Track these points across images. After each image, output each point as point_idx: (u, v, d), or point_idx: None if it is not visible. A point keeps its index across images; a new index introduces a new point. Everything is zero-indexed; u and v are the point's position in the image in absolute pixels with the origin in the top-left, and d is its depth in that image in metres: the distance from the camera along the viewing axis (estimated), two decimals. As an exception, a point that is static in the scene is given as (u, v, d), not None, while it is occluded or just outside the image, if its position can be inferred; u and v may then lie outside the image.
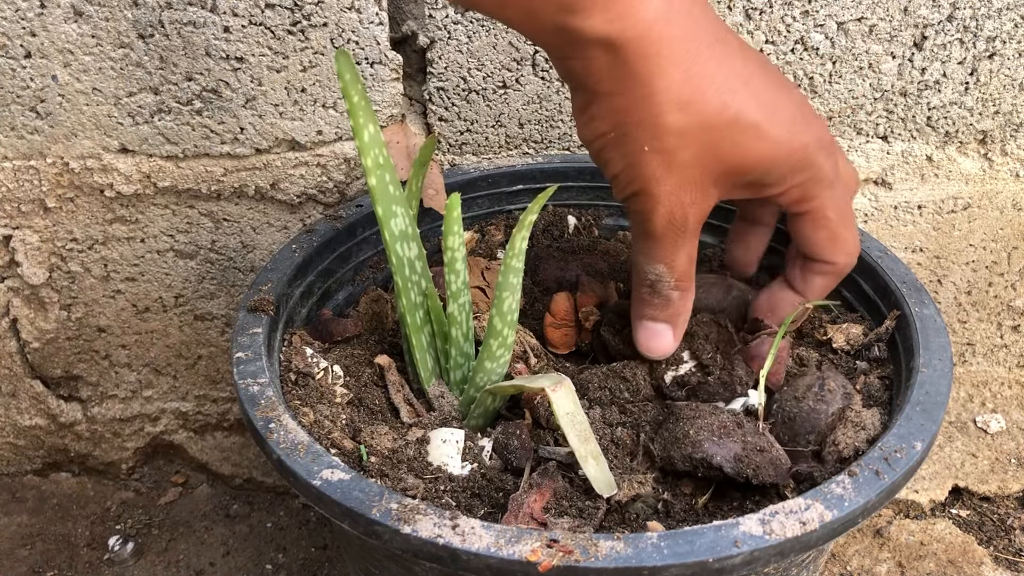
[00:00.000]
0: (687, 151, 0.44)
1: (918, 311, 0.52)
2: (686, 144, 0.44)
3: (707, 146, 0.44)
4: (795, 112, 0.46)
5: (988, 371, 0.88)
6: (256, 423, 0.45)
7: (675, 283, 0.49)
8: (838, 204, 0.49)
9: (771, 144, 0.45)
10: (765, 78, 0.45)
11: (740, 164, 0.45)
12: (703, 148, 0.44)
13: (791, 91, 0.47)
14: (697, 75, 0.43)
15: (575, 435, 0.45)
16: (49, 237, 0.75)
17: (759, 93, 0.44)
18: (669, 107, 0.43)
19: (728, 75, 0.44)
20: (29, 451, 0.90)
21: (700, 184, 0.45)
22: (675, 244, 0.47)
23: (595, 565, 0.37)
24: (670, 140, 0.43)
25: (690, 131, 0.43)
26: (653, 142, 0.44)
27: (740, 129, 0.44)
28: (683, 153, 0.44)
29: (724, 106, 0.43)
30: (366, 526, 0.40)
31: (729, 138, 0.44)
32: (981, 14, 0.67)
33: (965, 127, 0.73)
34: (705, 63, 0.43)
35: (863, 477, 0.41)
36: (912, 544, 0.83)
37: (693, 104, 0.43)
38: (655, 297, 0.50)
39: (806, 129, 0.46)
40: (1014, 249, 0.80)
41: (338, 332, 0.57)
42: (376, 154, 0.49)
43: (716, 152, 0.44)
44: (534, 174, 0.69)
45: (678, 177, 0.45)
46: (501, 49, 0.68)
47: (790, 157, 0.45)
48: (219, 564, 0.83)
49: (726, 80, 0.43)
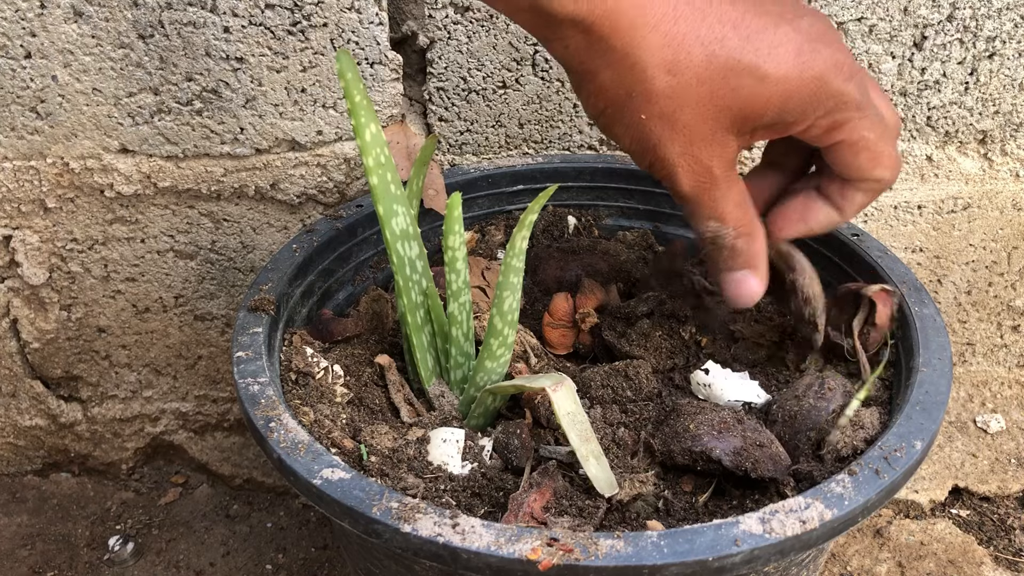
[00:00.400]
0: (686, 111, 0.43)
1: (918, 311, 0.52)
2: (681, 104, 0.43)
3: (705, 100, 0.43)
4: (801, 43, 0.44)
5: (988, 371, 0.88)
6: (256, 422, 0.45)
7: (735, 232, 0.48)
8: (873, 123, 0.46)
9: (776, 82, 0.43)
10: (760, 15, 0.44)
11: (747, 108, 0.44)
12: (701, 103, 0.43)
13: (796, 20, 0.44)
14: (678, 34, 0.42)
15: (576, 435, 0.45)
16: (49, 237, 0.75)
17: (752, 34, 0.43)
18: (655, 72, 0.43)
19: (713, 23, 0.43)
20: (29, 451, 0.90)
21: (712, 138, 0.44)
22: (712, 198, 0.47)
23: (595, 564, 0.37)
24: (665, 104, 0.43)
25: (682, 91, 0.43)
26: (649, 108, 0.43)
27: (736, 75, 0.43)
28: (682, 114, 0.44)
29: (712, 56, 0.43)
30: (366, 525, 0.40)
31: (726, 86, 0.43)
32: (981, 14, 0.67)
33: (965, 127, 0.73)
34: (685, 20, 0.42)
35: (863, 476, 0.41)
36: (912, 544, 0.83)
37: (679, 63, 0.42)
38: (722, 251, 0.49)
39: (815, 58, 0.44)
40: (1014, 249, 0.80)
41: (338, 332, 0.57)
42: (378, 153, 0.49)
43: (718, 103, 0.43)
44: (534, 174, 0.69)
45: (685, 137, 0.44)
46: (501, 49, 0.68)
47: (801, 90, 0.44)
48: (219, 564, 0.83)
49: (711, 29, 0.43)
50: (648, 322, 0.55)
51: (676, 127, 0.44)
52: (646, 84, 0.43)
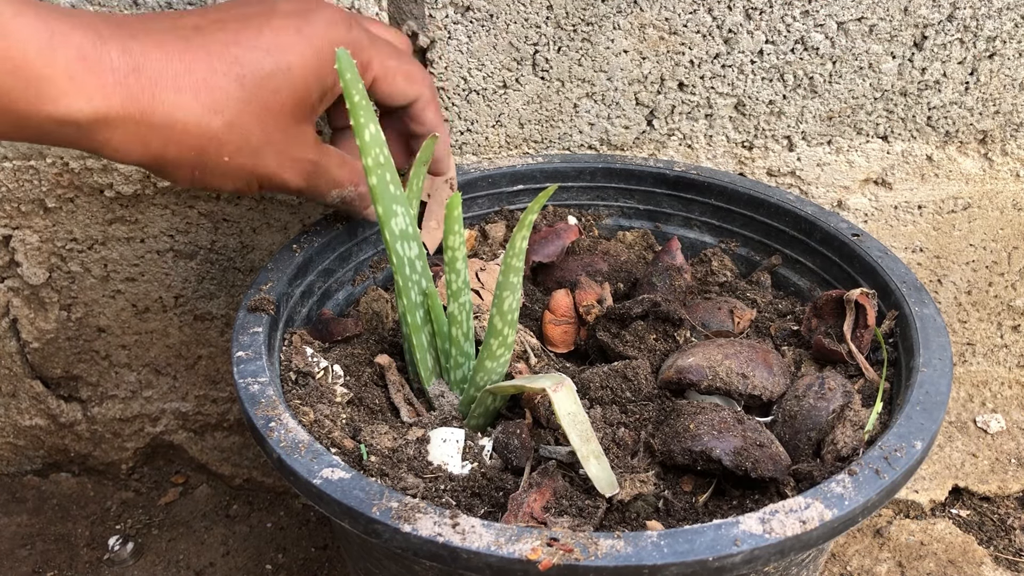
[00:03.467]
0: (254, 132, 0.48)
1: (918, 311, 0.52)
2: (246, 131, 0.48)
3: (262, 112, 0.48)
4: (299, 24, 0.48)
5: (988, 371, 0.88)
6: (256, 422, 0.45)
7: (353, 186, 0.55)
8: (390, 52, 0.53)
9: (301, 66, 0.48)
10: (247, 24, 0.48)
11: (296, 97, 0.49)
12: (261, 117, 0.48)
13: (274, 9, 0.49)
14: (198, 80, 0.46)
15: (576, 435, 0.45)
16: (49, 237, 0.75)
17: (260, 41, 0.47)
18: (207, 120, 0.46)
19: (218, 56, 0.46)
20: (29, 451, 0.89)
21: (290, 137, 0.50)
22: (326, 175, 0.53)
23: (595, 564, 0.37)
24: (232, 138, 0.47)
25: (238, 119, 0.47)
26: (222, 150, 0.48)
27: (269, 79, 0.47)
28: (251, 136, 0.48)
29: (241, 78, 0.47)
30: (366, 525, 0.40)
31: (268, 93, 0.47)
32: (981, 14, 0.67)
33: (965, 127, 0.73)
34: (196, 66, 0.45)
35: (863, 476, 0.41)
36: (912, 544, 0.83)
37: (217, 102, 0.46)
38: (353, 202, 0.56)
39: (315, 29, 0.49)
40: (1014, 249, 0.80)
41: (338, 332, 0.57)
42: (377, 154, 0.49)
43: (274, 109, 0.48)
44: (534, 174, 0.69)
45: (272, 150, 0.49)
46: (501, 49, 0.68)
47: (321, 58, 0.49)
48: (219, 564, 0.83)
49: (221, 60, 0.46)
50: (643, 324, 0.55)
51: (257, 149, 0.48)
52: (207, 135, 0.46)
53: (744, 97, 0.71)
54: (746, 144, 0.74)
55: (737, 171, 0.75)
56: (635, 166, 0.69)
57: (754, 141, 0.73)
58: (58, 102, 0.41)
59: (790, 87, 0.70)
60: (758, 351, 0.52)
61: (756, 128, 0.73)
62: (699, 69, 0.70)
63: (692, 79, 0.70)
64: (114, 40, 0.42)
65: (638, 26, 0.68)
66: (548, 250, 0.65)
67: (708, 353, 0.52)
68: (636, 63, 0.69)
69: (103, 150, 0.44)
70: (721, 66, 0.69)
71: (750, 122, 0.72)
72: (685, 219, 0.69)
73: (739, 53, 0.69)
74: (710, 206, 0.67)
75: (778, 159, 0.74)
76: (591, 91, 0.71)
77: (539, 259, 0.64)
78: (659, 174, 0.68)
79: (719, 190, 0.66)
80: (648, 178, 0.69)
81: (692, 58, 0.69)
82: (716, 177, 0.67)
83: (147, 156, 0.46)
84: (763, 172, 0.75)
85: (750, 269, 0.66)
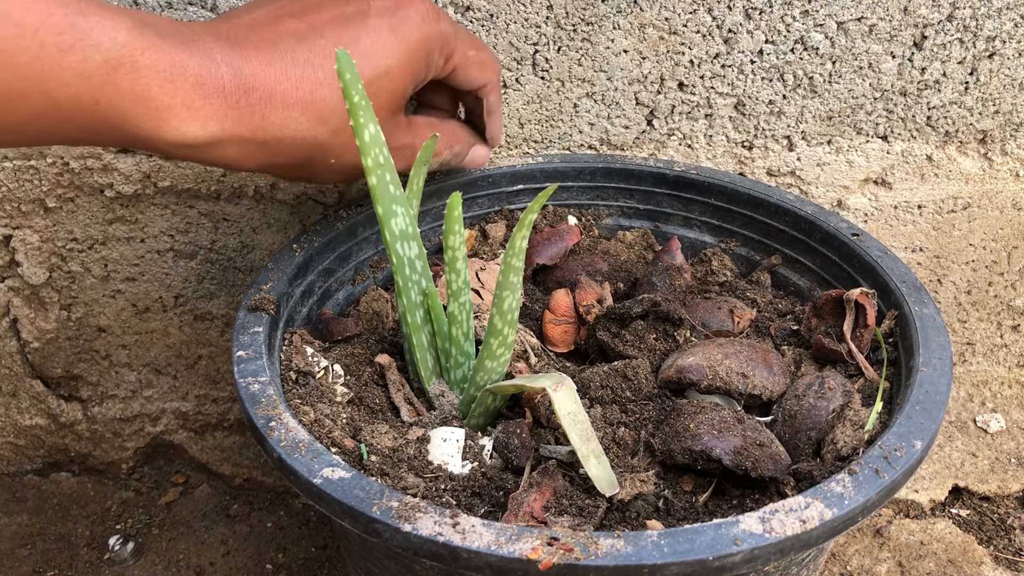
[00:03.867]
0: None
1: (918, 310, 0.52)
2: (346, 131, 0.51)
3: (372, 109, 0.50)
4: (394, 24, 0.51)
5: (988, 371, 0.88)
6: (256, 422, 0.45)
7: (447, 149, 0.59)
8: (468, 42, 0.57)
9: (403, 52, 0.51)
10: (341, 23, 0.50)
11: (394, 93, 0.52)
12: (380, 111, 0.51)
13: (368, 8, 0.51)
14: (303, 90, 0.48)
15: (577, 434, 0.45)
16: (49, 237, 0.75)
17: (353, 35, 0.50)
18: (314, 131, 0.50)
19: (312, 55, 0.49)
20: (29, 451, 0.90)
21: (397, 124, 0.54)
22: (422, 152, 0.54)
23: (595, 563, 0.37)
24: (336, 142, 0.51)
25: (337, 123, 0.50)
26: (327, 153, 0.51)
27: (381, 77, 0.51)
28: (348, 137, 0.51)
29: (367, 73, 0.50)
30: (366, 524, 0.40)
31: (378, 81, 0.51)
32: (981, 14, 0.67)
33: (965, 127, 0.73)
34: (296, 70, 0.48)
35: (863, 475, 0.41)
36: (912, 544, 0.83)
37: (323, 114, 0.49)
38: (450, 162, 0.61)
39: (410, 26, 0.51)
40: (1014, 249, 0.80)
41: (338, 331, 0.57)
42: (376, 154, 0.49)
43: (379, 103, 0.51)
44: (534, 174, 0.69)
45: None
46: (501, 49, 0.68)
47: (420, 51, 0.52)
48: (219, 564, 0.83)
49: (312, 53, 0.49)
50: (643, 323, 0.55)
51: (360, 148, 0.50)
52: (314, 144, 0.49)
53: (744, 97, 0.71)
54: (746, 144, 0.74)
55: (737, 171, 0.75)
56: (635, 166, 0.69)
57: (754, 141, 0.73)
58: (177, 129, 0.44)
59: (790, 87, 0.70)
60: (758, 351, 0.52)
61: (756, 128, 0.73)
62: (699, 69, 0.70)
63: (692, 79, 0.70)
64: (225, 64, 0.45)
65: (638, 26, 0.68)
66: (551, 252, 0.65)
67: (708, 353, 0.52)
68: (636, 63, 0.69)
69: (217, 163, 0.48)
70: (721, 66, 0.70)
71: (750, 122, 0.72)
72: (685, 219, 0.69)
73: (739, 53, 0.69)
74: (710, 206, 0.67)
75: (778, 159, 0.74)
76: (591, 91, 0.71)
77: (542, 261, 0.64)
78: (659, 174, 0.68)
79: (719, 190, 0.66)
80: (648, 178, 0.69)
81: (692, 58, 0.69)
82: (716, 177, 0.67)
83: (258, 165, 0.49)
84: (763, 172, 0.75)
85: (750, 269, 0.66)
